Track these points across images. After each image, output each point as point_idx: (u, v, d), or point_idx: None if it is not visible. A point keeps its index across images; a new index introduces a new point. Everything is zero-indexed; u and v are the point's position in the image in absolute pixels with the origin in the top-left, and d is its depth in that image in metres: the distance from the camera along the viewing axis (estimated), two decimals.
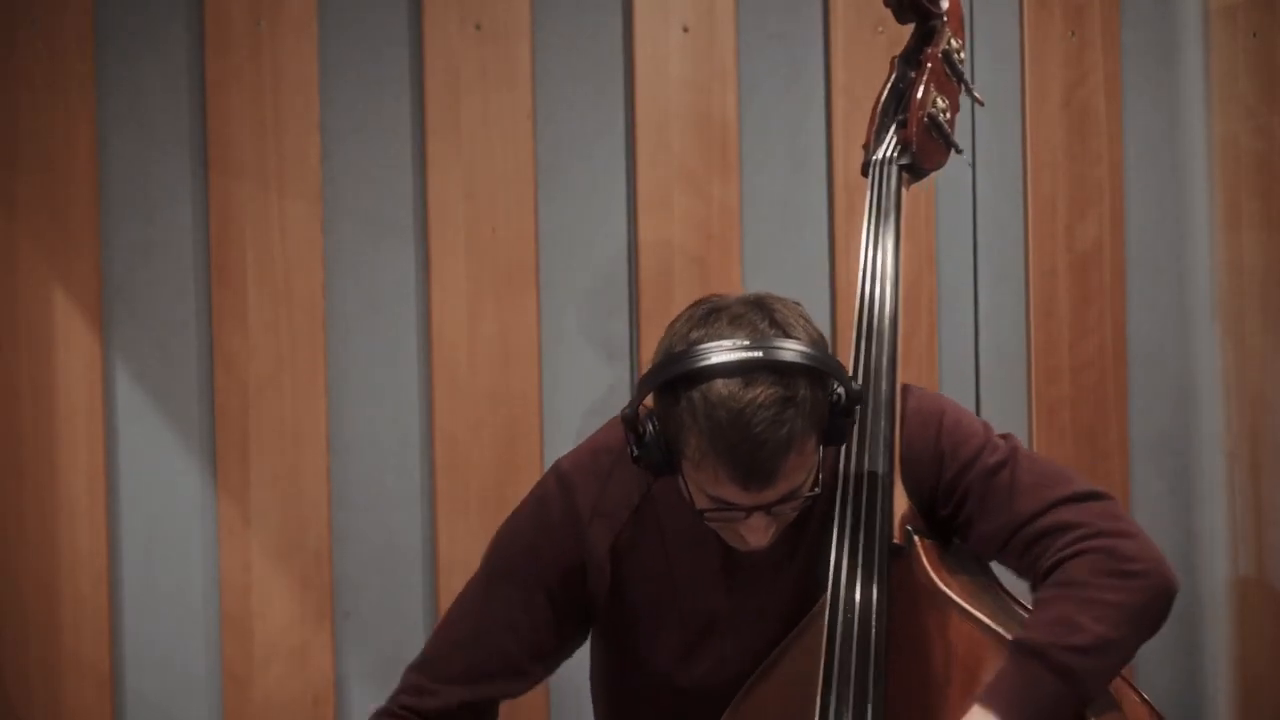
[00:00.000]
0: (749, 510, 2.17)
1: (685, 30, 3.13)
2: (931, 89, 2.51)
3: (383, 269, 3.09)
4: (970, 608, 2.25)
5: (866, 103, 2.59)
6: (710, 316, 2.18)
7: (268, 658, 3.02)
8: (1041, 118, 3.23)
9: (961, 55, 2.56)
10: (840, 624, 2.27)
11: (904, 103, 2.53)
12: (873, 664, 2.25)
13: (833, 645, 2.26)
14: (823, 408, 2.17)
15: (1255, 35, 3.20)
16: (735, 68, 3.15)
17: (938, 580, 2.28)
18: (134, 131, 3.01)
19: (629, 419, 2.20)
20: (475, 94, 3.08)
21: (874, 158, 2.51)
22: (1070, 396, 3.25)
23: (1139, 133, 3.28)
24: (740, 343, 2.13)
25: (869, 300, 2.42)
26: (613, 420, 2.41)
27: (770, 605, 2.36)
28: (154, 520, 3.02)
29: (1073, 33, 3.23)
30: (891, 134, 2.51)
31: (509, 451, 3.09)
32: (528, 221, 3.10)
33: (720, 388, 2.11)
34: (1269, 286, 3.19)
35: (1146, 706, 2.27)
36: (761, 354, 2.12)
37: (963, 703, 2.21)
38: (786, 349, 2.14)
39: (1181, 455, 3.32)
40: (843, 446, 2.32)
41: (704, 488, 2.17)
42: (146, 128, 3.02)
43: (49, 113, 2.97)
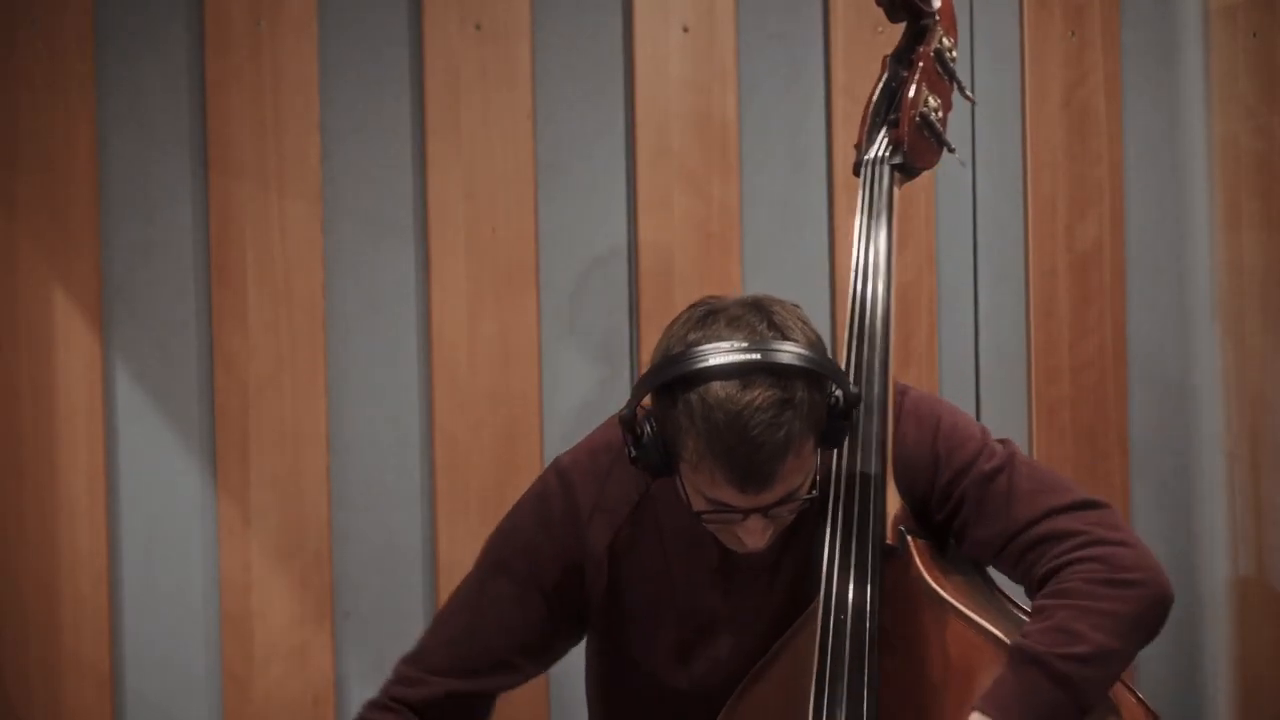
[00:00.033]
0: (746, 513, 2.17)
1: (685, 30, 3.13)
2: (923, 88, 2.51)
3: (383, 269, 3.09)
4: (964, 608, 2.25)
5: None
6: (708, 318, 2.18)
7: (268, 658, 3.02)
8: (1041, 118, 3.23)
9: (954, 54, 2.55)
10: (833, 624, 2.27)
11: (896, 102, 2.52)
12: (866, 664, 2.25)
13: (825, 645, 2.26)
14: (820, 410, 2.17)
15: (1255, 35, 3.20)
16: (735, 68, 3.15)
17: (931, 581, 2.27)
18: (134, 131, 3.01)
19: (627, 420, 2.20)
20: (475, 94, 3.08)
21: (866, 157, 2.50)
22: (1070, 396, 3.25)
23: (1139, 133, 3.28)
24: (738, 345, 2.13)
25: (861, 301, 2.42)
26: (612, 419, 2.41)
27: (766, 606, 2.36)
28: (154, 520, 3.02)
29: (1073, 33, 3.23)
30: (883, 133, 2.51)
31: (509, 451, 3.09)
32: (528, 221, 3.10)
33: (718, 390, 2.10)
34: (1269, 286, 3.19)
35: (1143, 708, 2.26)
36: (759, 356, 2.12)
37: (956, 702, 2.21)
38: (784, 351, 2.14)
39: (1181, 455, 3.32)
40: None
41: (701, 490, 2.17)
42: (146, 128, 3.02)
43: (49, 113, 2.97)
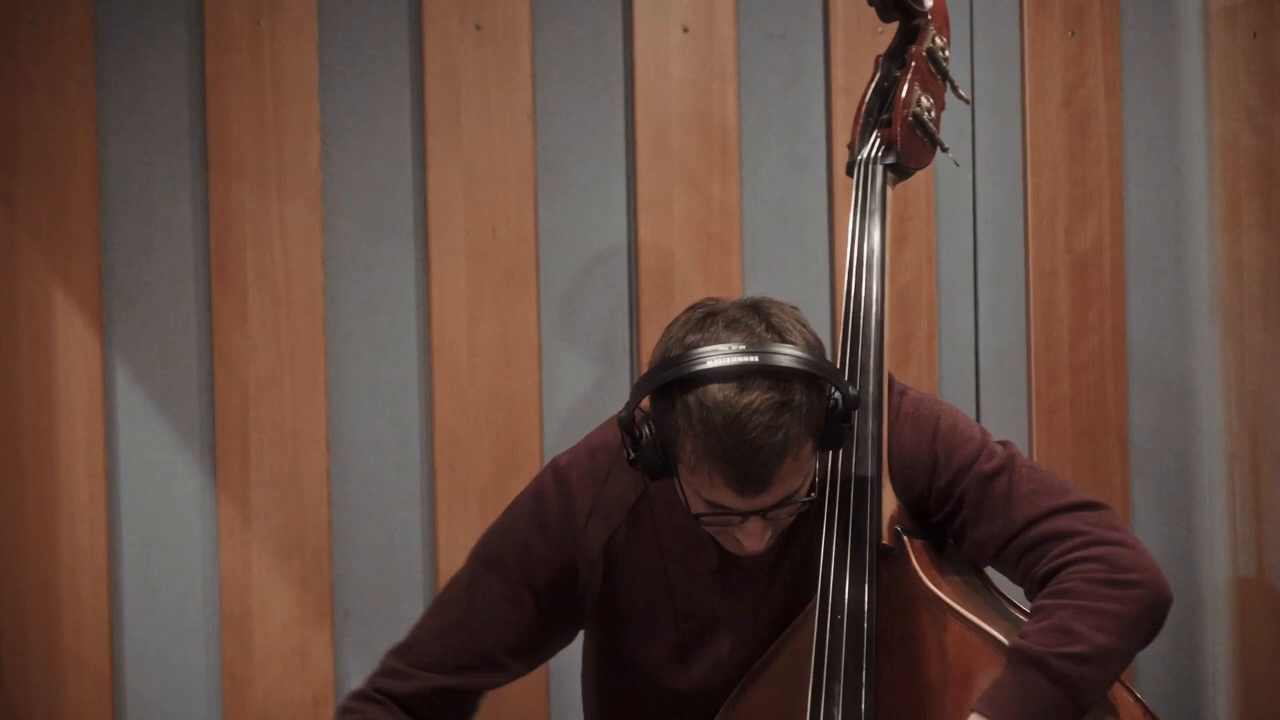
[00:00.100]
0: (744, 515, 2.17)
1: (685, 30, 3.13)
2: (916, 88, 2.51)
3: (383, 269, 3.09)
4: (961, 608, 2.25)
5: None
6: (707, 320, 2.18)
7: (268, 658, 3.03)
8: (1041, 118, 3.23)
9: (946, 53, 2.55)
10: (830, 624, 2.27)
11: (888, 102, 2.52)
12: (864, 664, 2.25)
13: (823, 646, 2.26)
14: (819, 413, 2.17)
15: (1255, 35, 3.19)
16: (735, 68, 3.15)
17: (928, 581, 2.27)
18: (134, 131, 3.01)
19: (625, 422, 2.20)
20: (475, 94, 3.08)
21: (859, 157, 2.50)
22: (1070, 396, 3.25)
23: (1139, 133, 3.28)
24: (736, 347, 2.13)
25: (856, 301, 2.42)
26: (610, 419, 2.40)
27: (765, 606, 2.36)
28: (154, 520, 3.02)
29: (1073, 33, 3.23)
30: (876, 133, 2.51)
31: (509, 451, 3.09)
32: (528, 221, 3.10)
33: (716, 392, 2.11)
34: (1269, 286, 3.19)
35: (1141, 707, 2.26)
36: (758, 359, 2.12)
37: (954, 702, 2.21)
38: (783, 354, 2.13)
39: (1181, 455, 3.32)
40: None
41: (700, 492, 2.17)
42: (146, 128, 3.02)
43: (49, 113, 2.97)
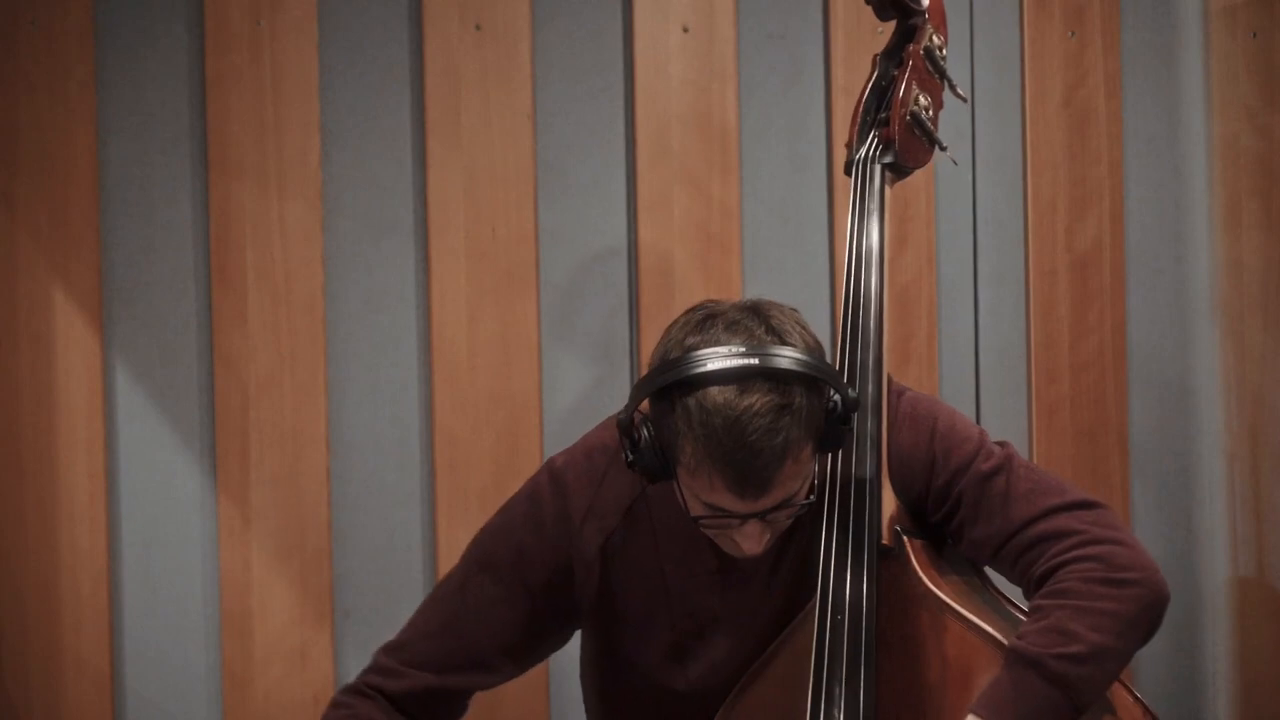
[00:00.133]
0: (744, 518, 2.17)
1: (685, 30, 3.13)
2: (913, 86, 2.50)
3: (383, 269, 3.09)
4: (960, 608, 2.25)
5: None
6: (706, 322, 2.18)
7: (268, 658, 3.03)
8: (1041, 118, 3.23)
9: (944, 52, 2.54)
10: (830, 624, 2.27)
11: (886, 101, 2.52)
12: (864, 664, 2.25)
13: (823, 646, 2.26)
14: (819, 415, 2.17)
15: (1255, 35, 3.19)
16: (735, 68, 3.15)
17: (927, 581, 2.27)
18: (134, 131, 3.01)
19: (624, 425, 2.20)
20: (475, 94, 3.08)
21: (857, 156, 2.50)
22: (1070, 396, 3.25)
23: (1139, 133, 3.28)
24: (736, 350, 2.13)
25: (854, 301, 2.42)
26: (608, 419, 2.41)
27: (764, 607, 2.36)
28: (154, 520, 3.02)
29: (1073, 33, 3.23)
30: (874, 132, 2.51)
31: (509, 451, 3.09)
32: (528, 221, 3.10)
33: (716, 395, 2.10)
34: (1269, 286, 3.19)
35: (1141, 707, 2.26)
36: (757, 361, 2.12)
37: (954, 702, 2.21)
38: (783, 356, 2.13)
39: (1181, 455, 3.32)
40: None
41: (699, 495, 2.17)
42: (146, 128, 3.02)
43: (49, 113, 2.97)
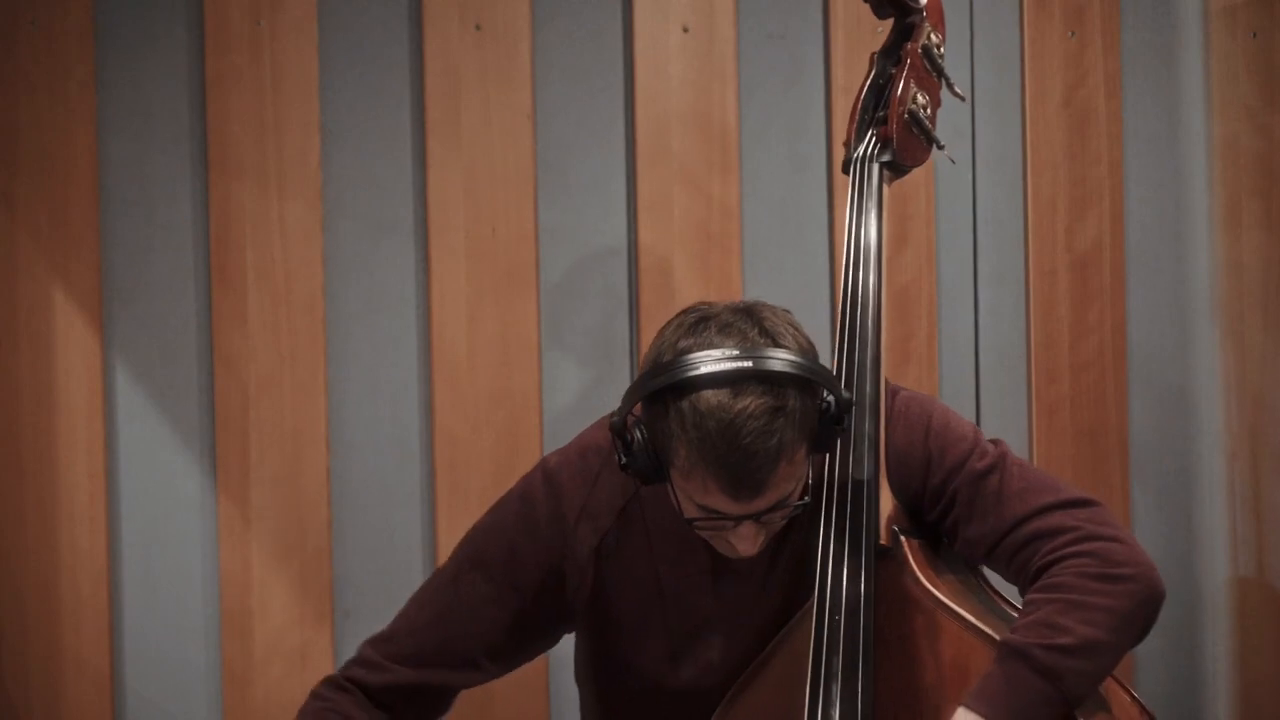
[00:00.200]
0: (738, 520, 2.17)
1: (685, 30, 3.13)
2: (911, 85, 2.50)
3: (383, 269, 3.09)
4: (958, 608, 2.25)
5: None
6: (699, 325, 2.17)
7: (268, 658, 3.03)
8: (1041, 118, 3.22)
9: (942, 50, 2.54)
10: (828, 624, 2.26)
11: (884, 99, 2.52)
12: (861, 664, 2.25)
13: (821, 645, 2.26)
14: (812, 417, 2.16)
15: (1255, 35, 3.19)
16: (735, 68, 3.15)
17: (925, 581, 2.27)
18: (134, 131, 3.02)
19: (617, 428, 2.19)
20: (475, 94, 3.08)
21: (854, 155, 2.50)
22: (1070, 396, 3.25)
23: (1139, 133, 3.27)
24: (729, 352, 2.12)
25: (852, 300, 2.41)
26: (602, 419, 2.40)
27: (760, 607, 2.35)
28: (154, 520, 3.03)
29: (1073, 33, 3.23)
30: (871, 131, 2.50)
31: (509, 451, 3.09)
32: (528, 221, 3.10)
33: (709, 398, 2.10)
34: (1269, 286, 3.19)
35: (1137, 706, 2.26)
36: (751, 363, 2.11)
37: (951, 701, 2.20)
38: (776, 358, 2.13)
39: (1181, 455, 3.31)
40: None
41: (693, 497, 2.17)
42: (146, 128, 3.02)
43: (49, 113, 2.98)
